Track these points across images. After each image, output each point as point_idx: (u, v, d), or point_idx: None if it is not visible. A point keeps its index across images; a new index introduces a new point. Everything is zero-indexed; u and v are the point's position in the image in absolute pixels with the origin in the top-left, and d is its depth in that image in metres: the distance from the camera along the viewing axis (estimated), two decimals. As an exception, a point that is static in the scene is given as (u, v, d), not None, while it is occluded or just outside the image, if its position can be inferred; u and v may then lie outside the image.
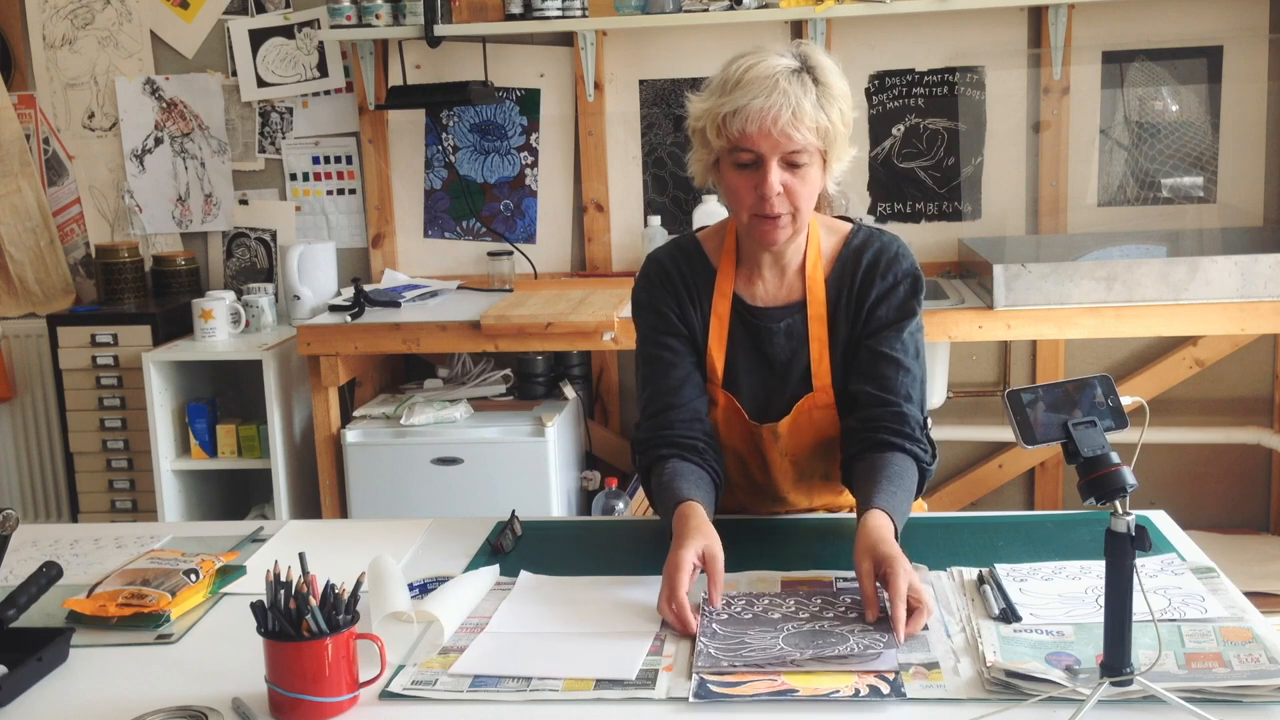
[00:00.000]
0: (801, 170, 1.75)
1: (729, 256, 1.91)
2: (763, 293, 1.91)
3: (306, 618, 1.35)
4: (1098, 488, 1.31)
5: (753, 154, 1.73)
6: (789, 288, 1.90)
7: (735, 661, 1.41)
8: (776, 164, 1.73)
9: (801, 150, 1.73)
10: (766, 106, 1.70)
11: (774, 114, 1.70)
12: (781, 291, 1.90)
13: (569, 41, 3.79)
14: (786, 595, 1.60)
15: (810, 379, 1.88)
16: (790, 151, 1.72)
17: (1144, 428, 1.38)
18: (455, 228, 3.98)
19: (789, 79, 1.72)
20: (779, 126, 1.70)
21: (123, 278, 3.93)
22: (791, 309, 1.89)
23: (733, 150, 1.75)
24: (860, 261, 1.88)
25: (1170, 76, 3.64)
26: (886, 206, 3.80)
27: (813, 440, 1.90)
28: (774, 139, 1.71)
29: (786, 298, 1.90)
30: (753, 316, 1.90)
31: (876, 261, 1.87)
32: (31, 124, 4.07)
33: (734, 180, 1.77)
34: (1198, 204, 3.69)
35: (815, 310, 1.88)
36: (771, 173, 1.73)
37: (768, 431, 1.89)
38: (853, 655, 1.40)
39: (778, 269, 1.90)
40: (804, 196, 1.77)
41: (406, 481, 3.37)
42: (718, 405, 1.91)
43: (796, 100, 1.70)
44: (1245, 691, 1.29)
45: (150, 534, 2.00)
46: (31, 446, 4.13)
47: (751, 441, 1.92)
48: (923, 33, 3.68)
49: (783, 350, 1.89)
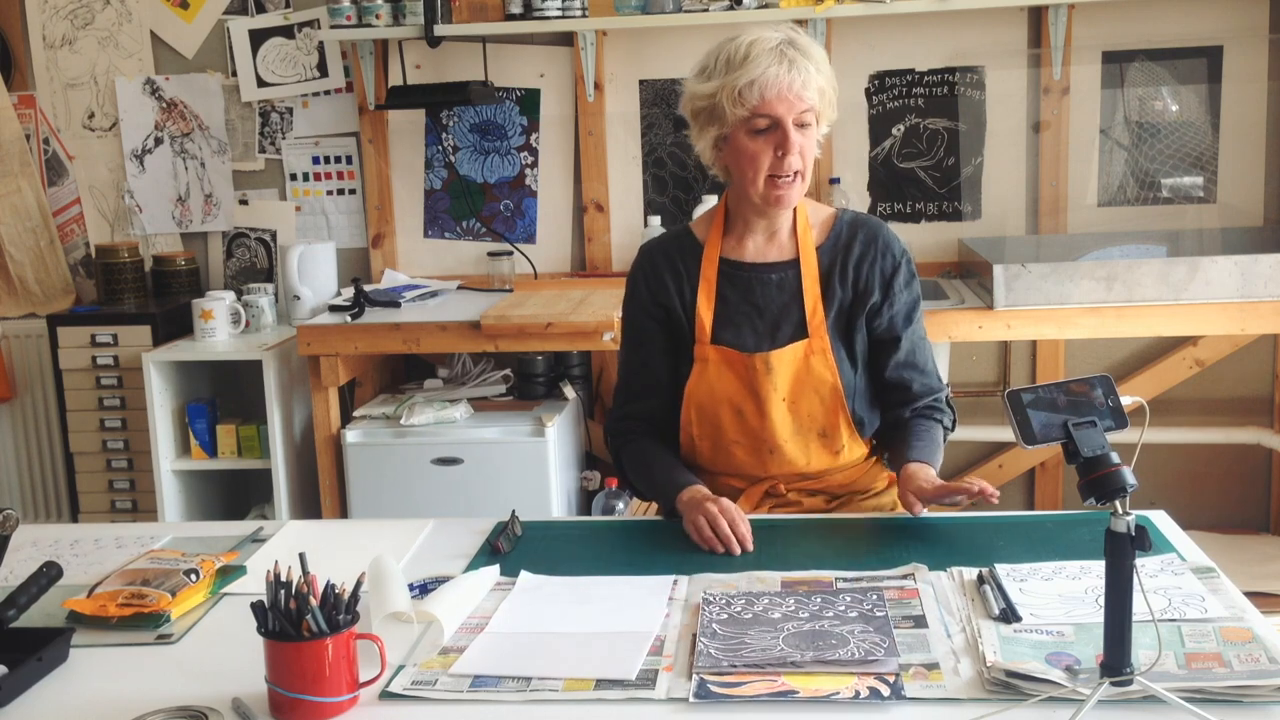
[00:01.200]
0: (808, 130, 1.94)
1: (716, 229, 2.06)
2: (753, 250, 2.05)
3: (306, 618, 1.35)
4: (1098, 488, 1.31)
5: (770, 119, 1.91)
6: (780, 247, 2.06)
7: (735, 661, 1.41)
8: (792, 126, 1.91)
9: (810, 110, 1.92)
10: (780, 73, 1.89)
11: (788, 80, 1.89)
12: (772, 250, 2.06)
13: (569, 41, 3.79)
14: (786, 595, 1.60)
15: (805, 328, 2.00)
16: (802, 111, 1.91)
17: (1144, 428, 1.38)
18: (455, 228, 3.98)
19: (786, 48, 1.91)
20: (793, 90, 1.89)
21: (123, 278, 3.93)
22: (784, 265, 2.03)
23: (751, 118, 1.91)
24: (855, 234, 2.05)
25: (1170, 76, 3.64)
26: (886, 206, 3.80)
27: (809, 387, 2.00)
28: (790, 102, 1.90)
29: (778, 256, 2.05)
30: (741, 270, 2.03)
31: (874, 237, 2.05)
32: (31, 124, 4.07)
33: (751, 147, 1.93)
34: (1198, 204, 3.69)
35: (808, 269, 2.01)
36: (792, 133, 1.91)
37: (760, 361, 1.99)
38: (853, 659, 1.40)
39: (769, 232, 2.05)
40: (810, 155, 1.96)
41: (406, 481, 3.37)
42: (707, 362, 2.01)
43: (803, 66, 1.90)
44: (1245, 691, 1.29)
45: (150, 534, 2.01)
46: (31, 446, 4.13)
47: (746, 381, 2.00)
48: (923, 33, 3.69)
49: (775, 300, 2.02)
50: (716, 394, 2.01)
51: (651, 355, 2.08)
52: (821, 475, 2.06)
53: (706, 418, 2.03)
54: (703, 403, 2.03)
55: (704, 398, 2.02)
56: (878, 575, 1.66)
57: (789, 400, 2.00)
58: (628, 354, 2.13)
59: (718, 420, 2.02)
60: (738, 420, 2.01)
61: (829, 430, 2.02)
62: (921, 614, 1.53)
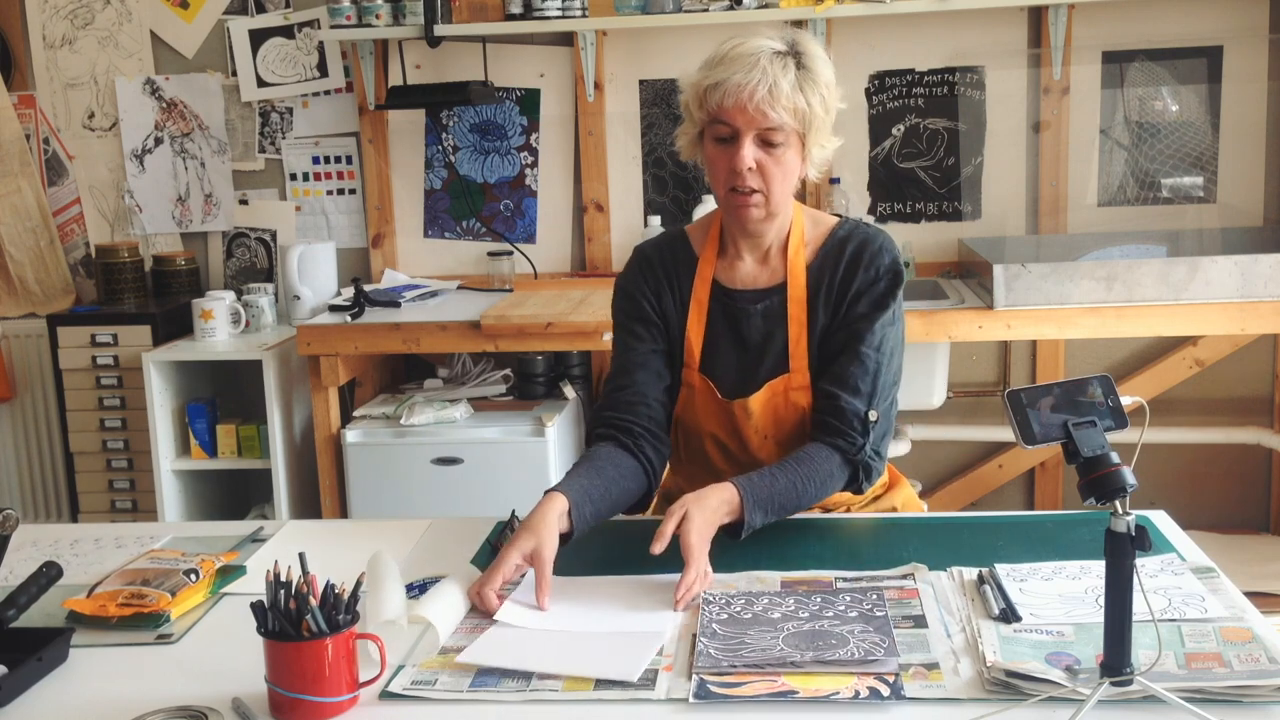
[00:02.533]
0: (777, 150, 1.80)
1: (713, 244, 1.97)
2: (743, 276, 1.96)
3: (306, 618, 1.35)
4: (1098, 488, 1.31)
5: (730, 128, 1.80)
6: (770, 271, 1.95)
7: (735, 662, 1.41)
8: (751, 140, 1.79)
9: (777, 129, 1.78)
10: (743, 82, 1.76)
11: (750, 90, 1.76)
12: (763, 275, 1.95)
13: (569, 41, 3.79)
14: (786, 594, 1.60)
15: (787, 360, 1.91)
16: (765, 129, 1.78)
17: (1144, 428, 1.38)
18: (455, 228, 3.98)
19: (771, 59, 1.78)
20: (754, 103, 1.76)
21: (123, 278, 3.93)
22: (770, 292, 1.93)
23: (712, 123, 1.81)
24: (844, 251, 1.92)
25: (1170, 76, 3.64)
26: (886, 206, 3.80)
27: (793, 420, 1.92)
28: (749, 114, 1.77)
29: (768, 281, 1.95)
30: (730, 299, 1.95)
31: (860, 253, 1.91)
32: (31, 124, 4.07)
33: (712, 153, 1.84)
34: (1198, 204, 3.69)
35: (795, 294, 1.91)
36: (744, 147, 1.79)
37: (738, 408, 1.91)
38: (853, 659, 1.40)
39: (759, 253, 1.95)
40: (777, 177, 1.82)
41: (406, 481, 3.37)
42: (694, 389, 1.95)
43: (774, 80, 1.76)
44: (1245, 691, 1.29)
45: (150, 534, 2.00)
46: (31, 446, 4.13)
47: (726, 420, 1.94)
48: (923, 33, 3.69)
49: (758, 331, 1.93)
50: (701, 426, 1.96)
51: (639, 357, 1.97)
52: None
53: (692, 445, 1.99)
54: (689, 431, 1.98)
55: (690, 426, 1.98)
56: (878, 575, 1.66)
57: (772, 436, 1.93)
58: (616, 355, 2.03)
59: (702, 449, 1.98)
60: (722, 452, 1.97)
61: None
62: (921, 614, 1.53)
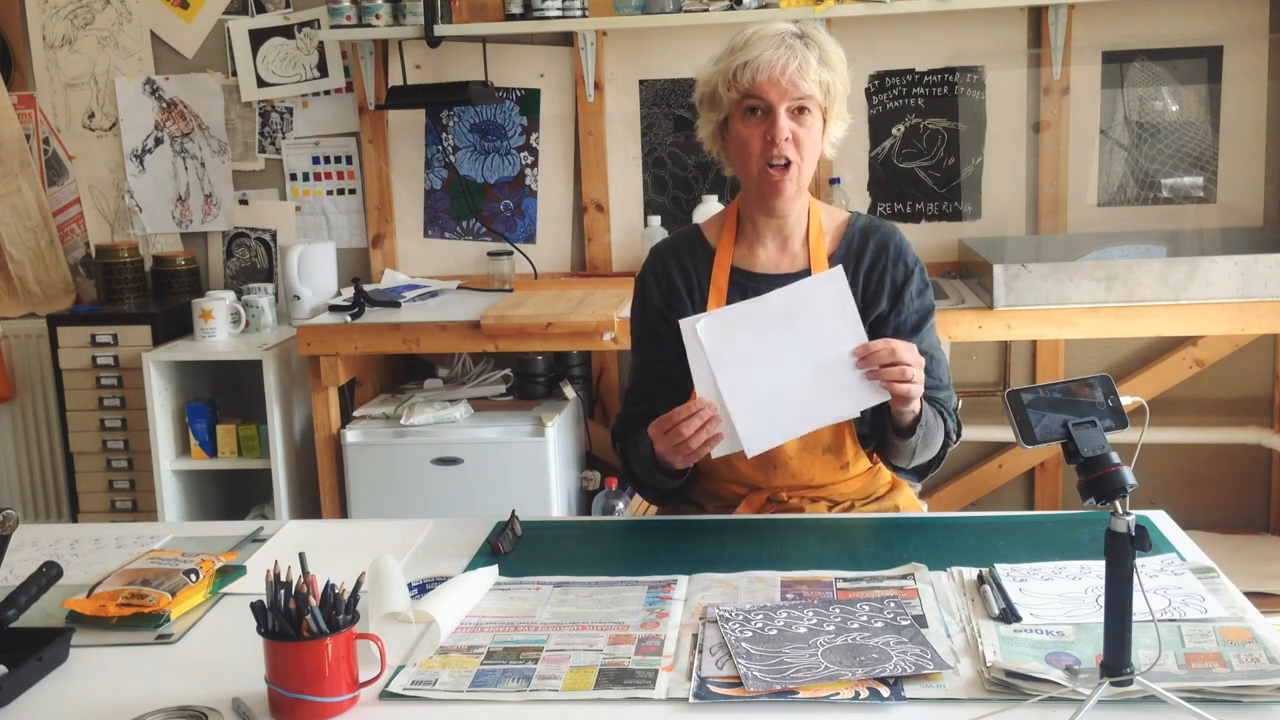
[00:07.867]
0: (806, 121, 1.91)
1: (729, 234, 2.04)
2: (763, 261, 2.03)
3: (306, 618, 1.35)
4: (1098, 488, 1.31)
5: (763, 101, 1.89)
6: (791, 257, 2.03)
7: (786, 684, 1.36)
8: (784, 112, 1.90)
9: (807, 98, 1.90)
10: (775, 57, 1.88)
11: (782, 64, 1.88)
12: (784, 261, 2.03)
13: (569, 41, 3.79)
14: (801, 605, 1.56)
15: None
16: (797, 99, 1.89)
17: (1144, 428, 1.38)
18: (455, 228, 3.98)
19: (793, 39, 1.92)
20: (787, 75, 1.88)
21: (123, 278, 3.93)
22: (793, 277, 1.96)
23: (744, 100, 1.90)
24: (868, 241, 2.02)
25: (1170, 76, 3.64)
26: (886, 206, 3.80)
27: None
28: (782, 87, 1.88)
29: (789, 267, 2.02)
30: (752, 282, 2.00)
31: (886, 245, 2.02)
32: (31, 124, 4.07)
33: (744, 131, 1.92)
34: (1198, 204, 3.69)
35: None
36: (780, 117, 1.89)
37: None
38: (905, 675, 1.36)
39: (780, 239, 2.03)
40: (808, 146, 1.93)
41: (406, 481, 3.37)
42: None
43: (802, 54, 1.89)
44: (1245, 691, 1.29)
45: (150, 534, 2.00)
46: (31, 446, 4.13)
47: None
48: (923, 33, 3.69)
49: None
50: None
51: (662, 357, 2.02)
52: (826, 486, 2.04)
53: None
54: None
55: None
56: (877, 575, 1.66)
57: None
58: (637, 356, 2.10)
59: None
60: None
61: (835, 446, 1.99)
62: (921, 614, 1.53)
